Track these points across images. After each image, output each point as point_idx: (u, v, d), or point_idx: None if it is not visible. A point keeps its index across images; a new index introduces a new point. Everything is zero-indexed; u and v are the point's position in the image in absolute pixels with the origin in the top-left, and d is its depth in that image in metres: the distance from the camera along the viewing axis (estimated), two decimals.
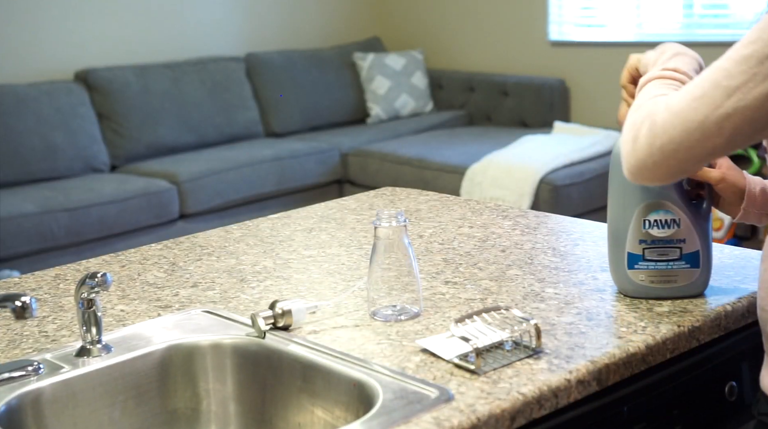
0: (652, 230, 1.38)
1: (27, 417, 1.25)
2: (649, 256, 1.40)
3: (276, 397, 1.36)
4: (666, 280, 1.41)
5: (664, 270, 1.40)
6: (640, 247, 1.40)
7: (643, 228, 1.39)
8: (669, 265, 1.40)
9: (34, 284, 1.68)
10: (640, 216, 1.39)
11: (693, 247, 1.39)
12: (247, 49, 5.33)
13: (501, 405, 1.15)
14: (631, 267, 1.42)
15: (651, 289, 1.42)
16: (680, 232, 1.38)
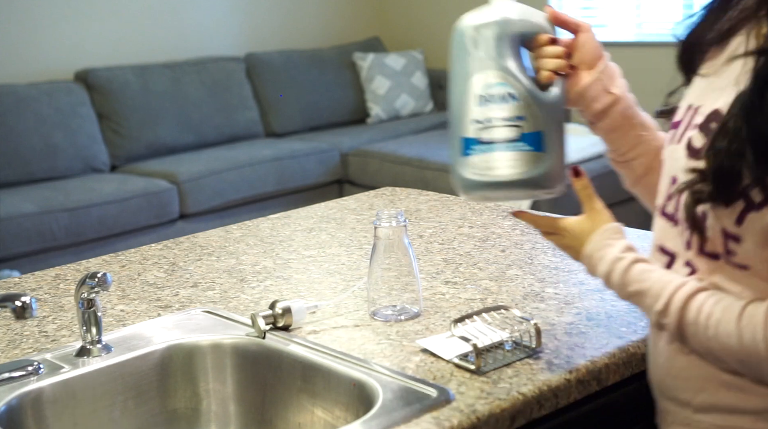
0: (486, 107, 1.18)
1: (27, 417, 1.25)
2: (485, 137, 1.19)
3: (276, 397, 1.35)
4: (507, 166, 1.18)
5: (503, 152, 1.18)
6: (474, 127, 1.19)
7: (478, 105, 1.19)
8: (507, 147, 1.18)
9: (34, 284, 1.68)
10: (473, 91, 1.19)
11: (535, 126, 1.18)
12: (247, 49, 5.33)
13: (501, 405, 1.15)
14: (465, 152, 1.20)
15: (490, 179, 1.19)
16: (519, 108, 1.18)
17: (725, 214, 1.01)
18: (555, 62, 1.20)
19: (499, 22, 1.21)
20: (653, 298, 1.09)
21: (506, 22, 1.21)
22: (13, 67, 4.55)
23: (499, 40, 1.20)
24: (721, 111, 1.05)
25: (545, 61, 1.20)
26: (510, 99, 1.18)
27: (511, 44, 1.20)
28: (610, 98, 1.23)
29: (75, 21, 4.75)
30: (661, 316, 1.08)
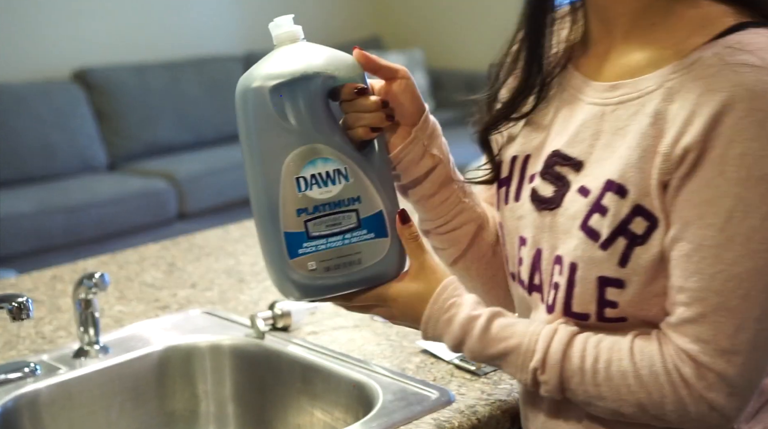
0: (311, 192, 0.96)
1: (23, 419, 1.24)
2: (315, 232, 0.97)
3: (275, 398, 1.35)
4: (347, 263, 0.98)
5: (340, 247, 0.97)
6: (300, 220, 0.96)
7: (299, 190, 0.96)
8: (345, 240, 0.97)
9: (31, 285, 1.67)
10: (290, 174, 0.96)
11: (373, 207, 0.98)
12: (245, 47, 5.32)
13: (501, 406, 1.14)
14: (294, 254, 0.97)
15: (329, 281, 0.98)
16: (351, 188, 0.97)
17: (604, 258, 0.90)
18: (370, 116, 0.98)
19: (306, 75, 0.98)
20: (525, 356, 0.93)
21: (314, 74, 0.98)
22: (10, 65, 4.54)
23: (310, 99, 0.97)
24: (562, 150, 0.96)
25: (358, 116, 0.98)
26: (339, 177, 0.97)
27: (323, 101, 0.98)
28: (431, 162, 1.04)
29: (73, 20, 4.74)
30: (538, 374, 0.92)
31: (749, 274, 0.84)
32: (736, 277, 0.84)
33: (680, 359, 0.86)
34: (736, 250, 0.84)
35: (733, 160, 0.83)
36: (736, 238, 0.84)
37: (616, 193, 0.89)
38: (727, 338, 0.84)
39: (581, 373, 0.91)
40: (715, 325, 0.85)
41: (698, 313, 0.85)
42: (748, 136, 0.83)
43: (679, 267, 0.87)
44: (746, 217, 0.83)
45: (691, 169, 0.85)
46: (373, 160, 0.99)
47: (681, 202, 0.86)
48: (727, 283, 0.84)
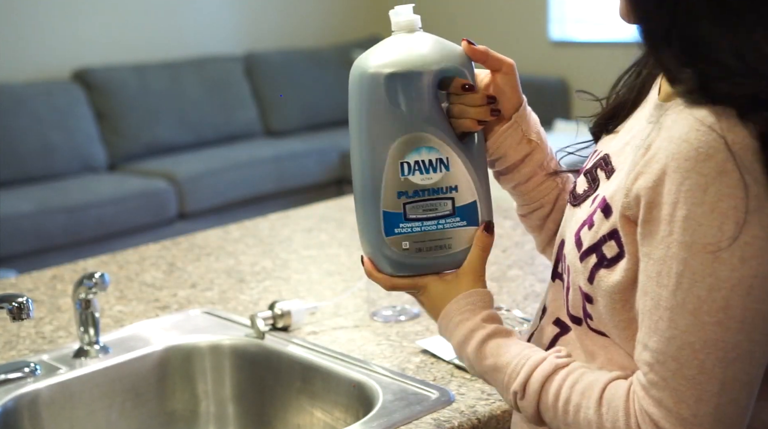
0: (412, 177, 1.01)
1: (23, 419, 1.24)
2: (412, 214, 1.02)
3: (275, 398, 1.35)
4: (438, 247, 1.02)
5: (433, 231, 1.02)
6: (400, 202, 1.01)
7: (402, 174, 1.00)
8: (439, 225, 1.02)
9: (31, 285, 1.67)
10: (395, 158, 1.01)
11: (468, 196, 1.02)
12: (245, 47, 5.32)
13: (502, 406, 1.14)
14: (390, 232, 1.02)
15: (419, 261, 1.02)
16: (450, 177, 1.01)
17: (580, 270, 0.90)
18: (477, 110, 1.01)
19: (419, 64, 1.01)
20: (509, 377, 0.93)
21: (426, 63, 1.01)
22: (10, 66, 4.54)
23: (420, 89, 1.00)
24: (610, 155, 0.95)
25: (465, 109, 1.01)
26: (440, 165, 1.01)
27: (433, 92, 1.01)
28: (528, 147, 1.06)
29: (73, 20, 4.74)
30: (518, 398, 0.93)
31: (702, 345, 0.80)
32: (689, 346, 0.80)
33: (643, 421, 0.83)
34: (687, 318, 0.80)
35: (678, 222, 0.80)
36: (686, 306, 0.80)
37: (603, 211, 0.89)
38: (688, 408, 0.81)
39: (554, 410, 0.90)
40: (676, 393, 0.81)
41: (660, 377, 0.82)
42: (692, 200, 0.79)
43: (644, 322, 0.84)
44: (693, 285, 0.80)
45: (647, 216, 0.82)
46: (472, 151, 1.03)
47: (643, 251, 0.83)
48: (681, 351, 0.81)
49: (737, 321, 0.79)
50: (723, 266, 0.79)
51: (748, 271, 0.78)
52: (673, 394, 0.82)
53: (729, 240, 0.78)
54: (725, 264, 0.79)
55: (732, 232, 0.78)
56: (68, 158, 4.45)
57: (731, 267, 0.79)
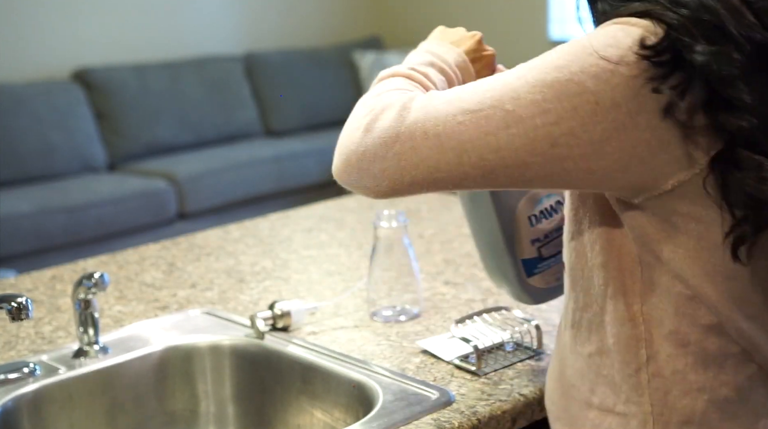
0: (540, 225, 1.15)
1: (23, 419, 1.24)
2: (547, 253, 1.17)
3: (275, 398, 1.35)
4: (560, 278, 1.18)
5: (555, 270, 1.20)
6: (534, 248, 1.16)
7: (531, 225, 1.15)
8: None
9: (31, 285, 1.67)
10: (524, 215, 1.14)
11: None
12: (245, 47, 5.32)
13: (502, 406, 1.14)
14: (531, 274, 1.19)
15: (558, 287, 1.18)
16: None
17: None
18: None
19: None
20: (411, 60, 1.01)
21: None
22: (10, 66, 4.54)
23: None
24: None
25: None
26: (559, 206, 1.15)
27: None
28: None
29: (72, 20, 4.74)
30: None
31: (505, 83, 0.86)
32: (495, 78, 0.87)
33: (406, 93, 0.90)
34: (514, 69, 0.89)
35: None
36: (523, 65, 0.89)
37: None
38: (436, 100, 0.87)
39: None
40: (449, 91, 0.88)
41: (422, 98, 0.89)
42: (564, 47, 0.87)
43: None
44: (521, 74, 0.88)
45: None
46: None
47: None
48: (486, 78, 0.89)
49: (543, 96, 0.83)
50: (584, 66, 0.83)
51: (594, 85, 0.82)
52: (447, 91, 0.88)
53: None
54: (587, 66, 0.83)
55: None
56: (68, 158, 4.45)
57: (587, 73, 0.83)
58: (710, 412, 0.89)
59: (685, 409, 0.89)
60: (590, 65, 0.83)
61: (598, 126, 0.82)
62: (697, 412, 0.88)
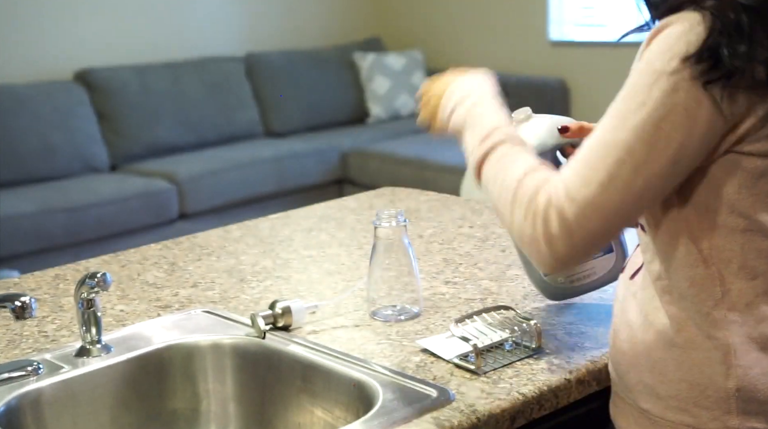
0: None
1: (26, 417, 1.25)
2: None
3: (276, 397, 1.35)
4: (585, 276, 1.36)
5: (584, 264, 1.34)
6: None
7: None
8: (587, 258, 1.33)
9: (34, 284, 1.68)
10: None
11: None
12: (246, 48, 5.33)
13: (501, 405, 1.15)
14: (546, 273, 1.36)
15: (574, 288, 1.38)
16: None
17: None
18: None
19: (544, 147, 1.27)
20: (479, 129, 1.12)
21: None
22: (12, 67, 4.55)
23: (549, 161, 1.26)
24: None
25: None
26: None
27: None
28: None
29: (74, 21, 4.75)
30: (477, 143, 1.11)
31: (614, 142, 0.97)
32: (601, 141, 0.99)
33: (545, 190, 1.01)
34: (611, 122, 0.99)
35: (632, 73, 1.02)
36: (615, 115, 0.99)
37: None
38: (575, 187, 0.99)
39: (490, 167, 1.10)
40: (574, 171, 1.00)
41: (574, 161, 1.01)
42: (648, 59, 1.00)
43: None
44: (625, 101, 0.99)
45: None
46: None
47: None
48: (595, 142, 0.99)
49: (648, 134, 0.95)
50: (656, 91, 0.95)
51: (671, 100, 0.94)
52: (572, 171, 1.00)
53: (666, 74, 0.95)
54: (657, 90, 0.95)
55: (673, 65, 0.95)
56: (70, 158, 4.46)
57: (661, 93, 0.95)
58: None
59: (762, 336, 0.98)
60: (663, 85, 0.95)
61: (696, 122, 0.95)
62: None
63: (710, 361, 1.00)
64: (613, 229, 1.01)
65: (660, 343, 1.05)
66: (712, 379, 1.00)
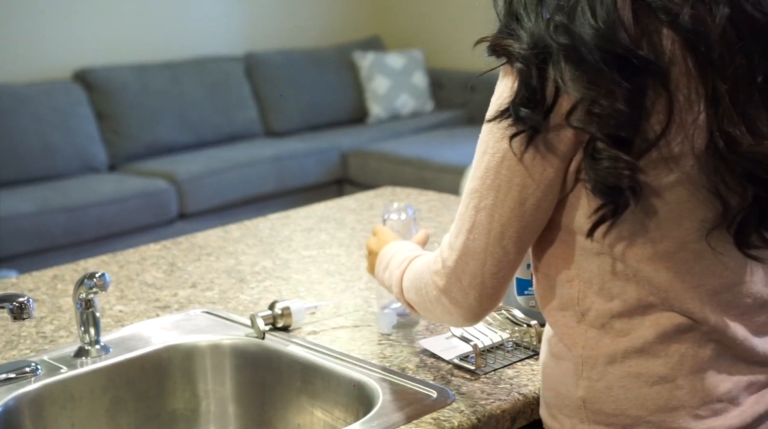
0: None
1: (24, 418, 1.25)
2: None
3: (275, 397, 1.35)
4: None
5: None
6: (529, 271, 1.20)
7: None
8: None
9: (32, 284, 1.68)
10: None
11: None
12: (246, 48, 5.32)
13: (501, 406, 1.14)
14: (521, 293, 1.36)
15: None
16: None
17: None
18: None
19: None
20: (394, 276, 1.20)
21: None
22: (11, 66, 4.54)
23: None
24: None
25: None
26: None
27: None
28: None
29: (73, 20, 4.74)
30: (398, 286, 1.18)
31: (468, 192, 1.03)
32: (466, 193, 1.04)
33: (433, 256, 1.10)
34: (471, 171, 1.04)
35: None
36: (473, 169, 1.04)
37: None
38: (453, 238, 1.05)
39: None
40: (454, 223, 1.06)
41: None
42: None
43: None
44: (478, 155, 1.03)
45: None
46: None
47: None
48: (463, 193, 1.05)
49: (490, 180, 1.01)
50: (491, 139, 1.01)
51: (501, 146, 1.00)
52: (453, 225, 1.06)
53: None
54: (491, 138, 1.01)
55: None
56: (69, 158, 4.46)
57: (494, 141, 1.00)
58: (631, 355, 1.01)
59: (611, 353, 1.02)
60: (495, 133, 1.01)
61: (527, 166, 0.99)
62: (618, 354, 1.01)
63: (568, 372, 1.05)
64: (495, 268, 1.03)
65: (545, 353, 1.10)
66: (568, 389, 1.05)
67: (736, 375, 1.03)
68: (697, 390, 1.01)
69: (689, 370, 1.01)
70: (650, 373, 1.01)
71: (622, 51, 0.93)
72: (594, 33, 0.93)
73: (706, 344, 1.01)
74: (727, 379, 1.02)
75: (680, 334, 1.01)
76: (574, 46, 0.94)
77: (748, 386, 1.03)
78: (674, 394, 1.01)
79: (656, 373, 1.01)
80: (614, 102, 0.93)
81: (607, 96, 0.93)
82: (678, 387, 1.01)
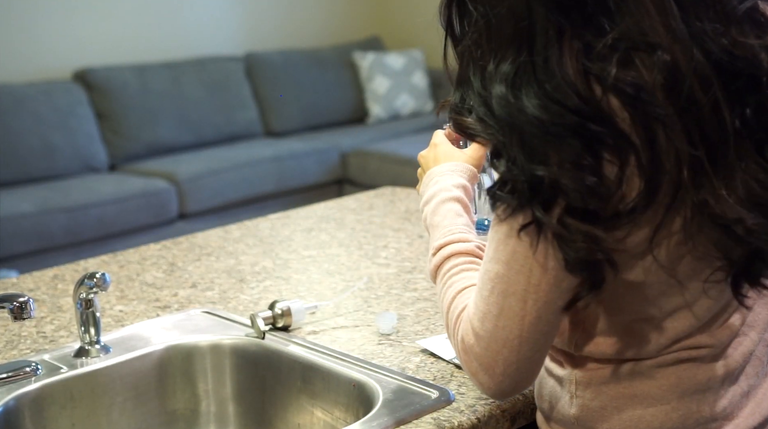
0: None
1: (25, 418, 1.25)
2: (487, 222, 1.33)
3: (275, 397, 1.35)
4: None
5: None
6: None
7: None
8: None
9: (32, 284, 1.68)
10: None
11: None
12: (246, 48, 5.33)
13: (501, 406, 1.14)
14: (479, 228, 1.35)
15: None
16: None
17: None
18: None
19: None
20: (436, 238, 1.13)
21: None
22: (11, 66, 4.54)
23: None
24: None
25: None
26: None
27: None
28: None
29: (73, 20, 4.75)
30: (431, 253, 1.12)
31: (495, 275, 0.96)
32: (486, 274, 0.97)
33: (460, 326, 1.02)
34: (487, 254, 0.98)
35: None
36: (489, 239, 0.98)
37: None
38: (478, 324, 0.98)
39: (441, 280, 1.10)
40: (474, 304, 0.99)
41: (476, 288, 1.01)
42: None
43: None
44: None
45: None
46: None
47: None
48: (482, 272, 0.98)
49: (518, 264, 0.94)
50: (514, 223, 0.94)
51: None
52: (474, 306, 0.99)
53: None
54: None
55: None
56: (69, 158, 4.46)
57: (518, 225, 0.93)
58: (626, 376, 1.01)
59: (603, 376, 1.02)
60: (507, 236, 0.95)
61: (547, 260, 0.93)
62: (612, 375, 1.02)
63: (562, 389, 1.06)
64: (531, 353, 0.97)
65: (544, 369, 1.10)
66: (562, 405, 1.06)
67: (731, 391, 1.02)
68: (692, 412, 1.00)
69: (685, 392, 1.00)
70: (645, 395, 1.00)
71: (576, 120, 0.86)
72: (540, 104, 0.87)
73: (702, 366, 1.00)
74: (723, 397, 1.01)
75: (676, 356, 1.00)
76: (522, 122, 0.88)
77: (742, 398, 1.02)
78: (669, 416, 1.00)
79: (651, 395, 1.00)
80: (581, 175, 0.87)
81: (574, 169, 0.87)
82: (674, 409, 1.00)
